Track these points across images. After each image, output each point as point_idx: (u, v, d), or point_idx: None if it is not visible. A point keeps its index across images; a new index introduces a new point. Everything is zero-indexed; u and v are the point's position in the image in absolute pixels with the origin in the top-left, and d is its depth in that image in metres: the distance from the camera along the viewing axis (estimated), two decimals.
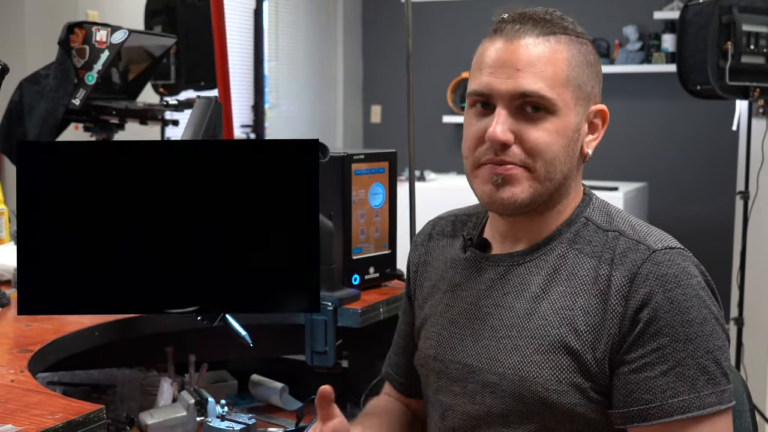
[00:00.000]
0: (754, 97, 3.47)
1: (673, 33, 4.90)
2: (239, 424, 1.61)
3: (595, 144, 1.24)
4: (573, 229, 1.22)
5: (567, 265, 1.20)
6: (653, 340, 1.12)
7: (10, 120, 2.54)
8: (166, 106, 2.73)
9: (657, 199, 5.15)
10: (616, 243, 1.18)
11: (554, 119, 1.17)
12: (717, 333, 1.13)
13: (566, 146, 1.19)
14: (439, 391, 1.30)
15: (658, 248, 1.15)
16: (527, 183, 1.18)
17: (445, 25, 5.70)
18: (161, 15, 3.71)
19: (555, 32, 1.19)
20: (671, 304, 1.11)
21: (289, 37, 5.66)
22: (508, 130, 1.17)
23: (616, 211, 1.25)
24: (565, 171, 1.20)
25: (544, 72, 1.16)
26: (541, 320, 1.18)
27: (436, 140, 5.59)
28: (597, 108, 1.23)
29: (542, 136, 1.17)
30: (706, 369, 1.11)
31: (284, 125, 5.65)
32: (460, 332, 1.27)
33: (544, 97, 1.16)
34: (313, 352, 1.69)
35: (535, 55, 1.17)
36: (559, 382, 1.15)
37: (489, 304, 1.24)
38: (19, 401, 1.22)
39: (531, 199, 1.19)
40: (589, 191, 1.29)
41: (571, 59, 1.19)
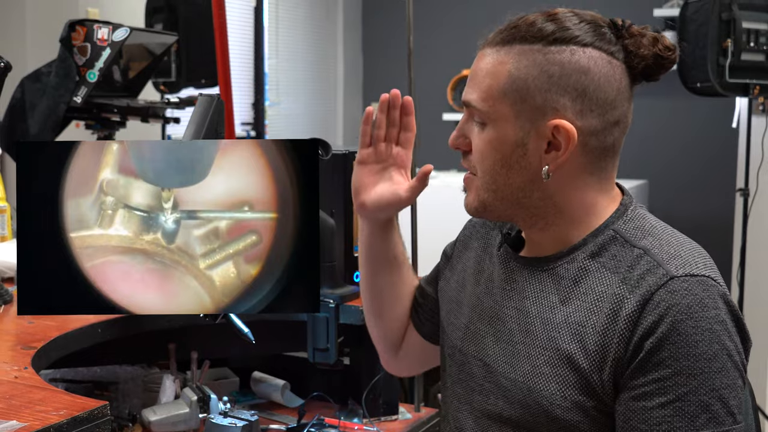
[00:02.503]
0: (754, 95, 3.48)
1: (674, 30, 4.90)
2: (242, 420, 1.61)
3: (561, 162, 1.14)
4: (599, 241, 1.17)
5: (587, 279, 1.16)
6: (655, 370, 1.07)
7: (11, 117, 2.54)
8: (167, 104, 2.74)
9: (657, 197, 5.15)
10: (638, 262, 1.12)
11: (489, 130, 1.17)
12: (727, 370, 1.07)
13: (503, 159, 1.16)
14: (458, 383, 1.29)
15: (678, 275, 1.09)
16: (476, 191, 1.20)
17: (444, 23, 5.70)
18: (162, 12, 3.71)
19: (511, 42, 1.15)
20: (678, 336, 1.06)
21: (289, 34, 5.66)
22: (461, 136, 1.21)
23: (651, 225, 1.18)
24: (515, 184, 1.16)
25: (482, 84, 1.16)
26: (554, 332, 1.15)
27: (436, 138, 5.59)
28: (554, 123, 1.13)
29: (478, 146, 1.18)
30: (708, 407, 1.05)
31: (284, 123, 5.65)
32: (484, 329, 1.26)
33: (476, 108, 1.17)
34: (315, 349, 1.69)
35: (481, 66, 1.17)
36: (564, 398, 1.13)
37: (511, 306, 1.23)
38: (23, 398, 1.22)
39: (482, 206, 1.20)
40: (628, 201, 1.21)
41: (514, 71, 1.14)
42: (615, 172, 1.22)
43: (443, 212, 2.97)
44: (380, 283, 1.43)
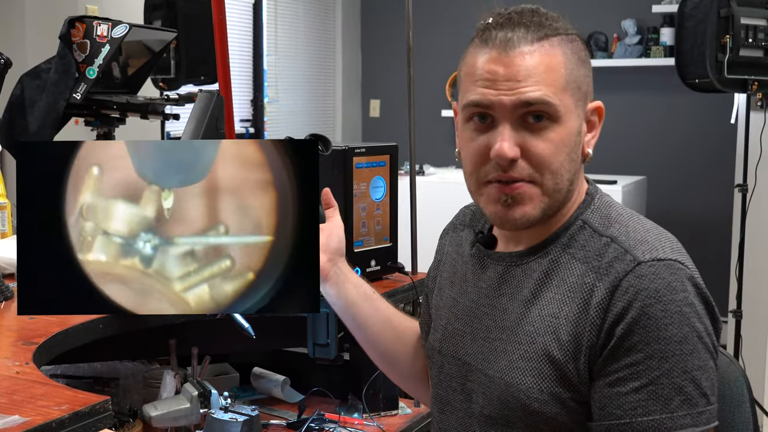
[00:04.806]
0: (753, 91, 3.48)
1: (672, 26, 4.91)
2: (243, 415, 1.62)
3: (594, 141, 1.21)
4: (569, 233, 1.19)
5: (559, 271, 1.17)
6: (627, 355, 1.08)
7: (11, 114, 2.54)
8: (167, 101, 2.73)
9: (655, 193, 5.16)
10: (606, 250, 1.13)
11: (557, 127, 1.14)
12: (698, 352, 1.08)
13: (569, 154, 1.16)
14: (439, 384, 1.31)
15: (645, 260, 1.10)
16: (537, 199, 1.16)
17: (442, 19, 5.70)
18: (161, 9, 3.71)
19: (547, 35, 1.15)
20: (648, 320, 1.07)
21: (288, 31, 5.66)
22: (515, 146, 1.13)
23: (618, 213, 1.20)
24: (571, 177, 1.18)
25: (546, 79, 1.13)
26: (529, 326, 1.16)
27: (434, 134, 5.60)
28: (594, 106, 1.20)
29: (547, 148, 1.14)
30: (682, 389, 1.07)
31: (283, 120, 5.65)
32: (462, 329, 1.27)
33: (548, 103, 1.13)
34: (315, 345, 1.70)
35: (533, 64, 1.13)
36: (541, 391, 1.13)
37: (486, 303, 1.24)
38: (25, 393, 1.23)
39: (543, 214, 1.17)
40: (593, 190, 1.24)
41: (567, 61, 1.15)
42: None
43: (442, 208, 2.97)
44: (372, 332, 1.47)
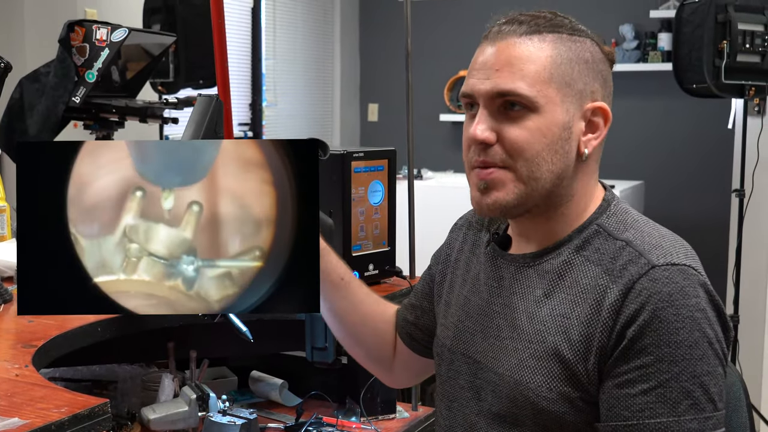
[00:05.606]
0: (750, 96, 3.49)
1: (669, 32, 4.92)
2: (241, 418, 1.62)
3: (597, 143, 1.21)
4: (583, 236, 1.20)
5: (572, 272, 1.18)
6: (637, 357, 1.09)
7: (10, 118, 2.55)
8: (165, 104, 2.74)
9: (653, 198, 5.17)
10: (620, 253, 1.15)
11: (535, 117, 1.16)
12: (708, 358, 1.09)
13: (551, 145, 1.17)
14: (448, 381, 1.31)
15: (659, 264, 1.11)
16: (511, 185, 1.18)
17: (440, 24, 5.72)
18: (160, 13, 3.72)
19: (540, 31, 1.18)
20: (660, 323, 1.08)
21: (286, 35, 5.67)
22: (488, 129, 1.17)
23: (633, 219, 1.21)
24: (556, 170, 1.18)
25: (523, 70, 1.16)
26: (540, 325, 1.18)
27: (433, 139, 5.61)
28: (594, 106, 1.20)
29: (522, 135, 1.16)
30: (690, 393, 1.07)
31: (282, 123, 5.66)
32: (473, 327, 1.28)
33: (521, 95, 1.15)
34: (313, 348, 1.70)
35: (515, 55, 1.17)
36: (550, 390, 1.14)
37: (498, 302, 1.25)
38: (24, 395, 1.23)
39: (517, 201, 1.18)
40: (610, 196, 1.25)
41: (557, 56, 1.17)
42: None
43: (440, 212, 2.98)
44: (337, 308, 1.46)
